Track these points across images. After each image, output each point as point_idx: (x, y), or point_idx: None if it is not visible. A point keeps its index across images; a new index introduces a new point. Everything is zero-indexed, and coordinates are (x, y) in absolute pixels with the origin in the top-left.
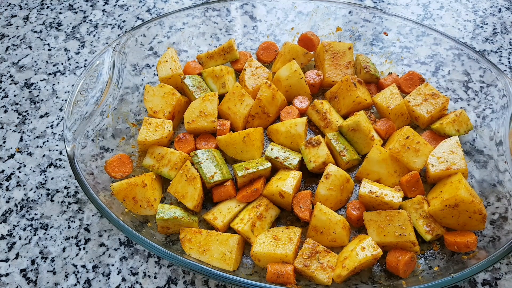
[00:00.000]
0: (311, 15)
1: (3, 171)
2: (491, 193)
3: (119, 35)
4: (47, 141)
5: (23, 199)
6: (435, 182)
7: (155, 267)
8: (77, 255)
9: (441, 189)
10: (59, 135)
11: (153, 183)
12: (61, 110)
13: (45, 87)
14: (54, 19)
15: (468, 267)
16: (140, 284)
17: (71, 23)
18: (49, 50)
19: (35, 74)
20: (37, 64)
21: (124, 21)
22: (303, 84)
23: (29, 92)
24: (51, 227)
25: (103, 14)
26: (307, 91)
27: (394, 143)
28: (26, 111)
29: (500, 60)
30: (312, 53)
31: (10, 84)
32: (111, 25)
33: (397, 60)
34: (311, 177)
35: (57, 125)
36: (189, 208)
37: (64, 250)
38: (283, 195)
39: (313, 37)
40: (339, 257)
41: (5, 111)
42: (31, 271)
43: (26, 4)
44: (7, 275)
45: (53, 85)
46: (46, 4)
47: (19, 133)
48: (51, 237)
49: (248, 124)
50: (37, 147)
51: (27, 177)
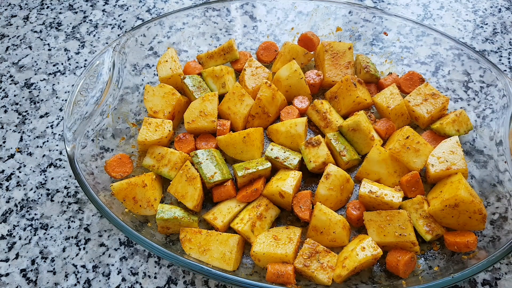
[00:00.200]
0: (311, 15)
1: (3, 171)
2: (491, 193)
3: (119, 35)
4: (47, 141)
5: (23, 199)
6: (435, 182)
7: (155, 267)
8: (77, 255)
9: (441, 189)
10: (59, 135)
11: (153, 183)
12: (61, 110)
13: (45, 87)
14: (54, 19)
15: (468, 267)
16: (140, 284)
17: (71, 23)
18: (49, 50)
19: (35, 74)
20: (37, 64)
21: (124, 21)
22: (303, 84)
23: (29, 92)
24: (51, 227)
25: (103, 14)
26: (307, 91)
27: (394, 143)
28: (26, 111)
29: (500, 60)
30: (312, 53)
31: (10, 84)
32: (111, 25)
33: (397, 60)
34: (311, 177)
35: (57, 125)
36: (189, 208)
37: (64, 250)
38: (283, 195)
39: (313, 37)
40: (339, 257)
41: (5, 111)
42: (31, 271)
43: (26, 4)
44: (7, 275)
45: (53, 85)
46: (46, 4)
47: (19, 133)
48: (51, 237)
49: (248, 124)
50: (37, 147)
51: (27, 177)
